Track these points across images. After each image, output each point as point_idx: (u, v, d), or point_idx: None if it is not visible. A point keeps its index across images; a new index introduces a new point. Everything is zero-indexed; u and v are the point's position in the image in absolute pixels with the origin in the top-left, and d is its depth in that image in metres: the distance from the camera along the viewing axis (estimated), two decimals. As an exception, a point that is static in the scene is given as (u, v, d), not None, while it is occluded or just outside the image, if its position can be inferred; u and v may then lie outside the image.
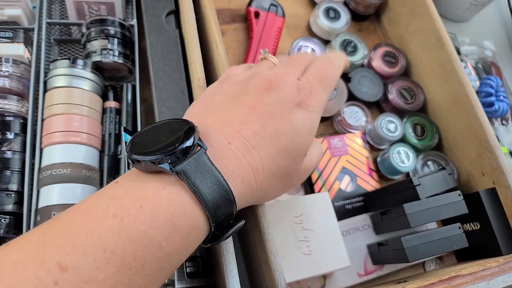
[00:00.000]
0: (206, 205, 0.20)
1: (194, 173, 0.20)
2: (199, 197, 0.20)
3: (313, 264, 0.33)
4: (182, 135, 0.21)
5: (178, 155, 0.20)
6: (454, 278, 0.32)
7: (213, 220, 0.21)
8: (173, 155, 0.20)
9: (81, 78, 0.38)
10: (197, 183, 0.20)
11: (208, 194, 0.20)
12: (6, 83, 0.37)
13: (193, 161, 0.20)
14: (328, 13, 0.52)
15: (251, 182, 0.23)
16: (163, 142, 0.21)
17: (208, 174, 0.21)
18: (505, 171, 0.39)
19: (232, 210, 0.22)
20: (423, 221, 0.35)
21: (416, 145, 0.47)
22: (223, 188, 0.21)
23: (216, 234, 0.22)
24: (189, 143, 0.21)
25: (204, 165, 0.21)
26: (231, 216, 0.22)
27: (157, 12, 0.42)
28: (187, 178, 0.20)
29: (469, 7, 0.60)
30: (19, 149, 0.36)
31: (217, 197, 0.21)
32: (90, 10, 0.43)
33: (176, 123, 0.23)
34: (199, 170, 0.20)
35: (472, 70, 0.58)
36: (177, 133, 0.21)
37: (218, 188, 0.21)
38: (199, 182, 0.20)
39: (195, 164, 0.20)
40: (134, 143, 0.22)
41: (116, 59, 0.40)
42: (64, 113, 0.36)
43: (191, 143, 0.21)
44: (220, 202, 0.21)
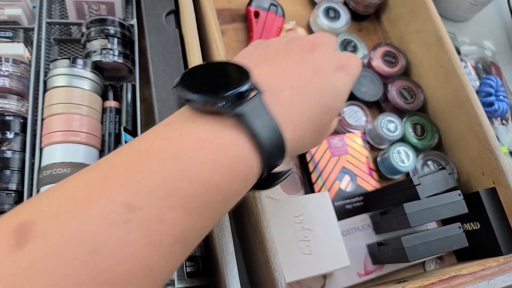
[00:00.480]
0: (264, 150, 0.20)
1: (252, 117, 0.20)
2: (258, 142, 0.20)
3: (313, 263, 0.33)
4: (240, 78, 0.20)
5: (233, 99, 0.20)
6: (454, 277, 0.32)
7: (266, 166, 0.21)
8: (230, 98, 0.19)
9: (81, 78, 0.38)
10: (256, 128, 0.20)
11: (265, 140, 0.20)
12: (6, 82, 0.37)
13: (251, 104, 0.20)
14: (328, 13, 0.52)
15: (297, 132, 0.22)
16: (220, 83, 0.20)
17: (265, 119, 0.20)
18: (505, 170, 0.39)
19: (281, 158, 0.21)
20: (423, 221, 0.35)
21: (416, 145, 0.47)
22: (277, 135, 0.20)
23: (264, 181, 0.22)
24: (247, 87, 0.20)
25: (261, 109, 0.20)
26: (278, 165, 0.22)
27: (157, 12, 0.42)
28: (246, 121, 0.19)
29: (469, 7, 0.60)
30: (19, 149, 0.36)
31: (272, 143, 0.20)
32: (90, 10, 0.43)
33: (229, 66, 0.22)
34: (256, 114, 0.20)
35: (472, 70, 0.58)
36: (233, 75, 0.21)
37: (273, 135, 0.20)
38: (257, 127, 0.20)
39: (252, 108, 0.20)
40: (186, 81, 0.21)
41: (116, 58, 0.40)
42: (64, 113, 0.36)
43: (248, 87, 0.20)
44: (274, 149, 0.20)
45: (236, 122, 0.20)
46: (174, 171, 0.18)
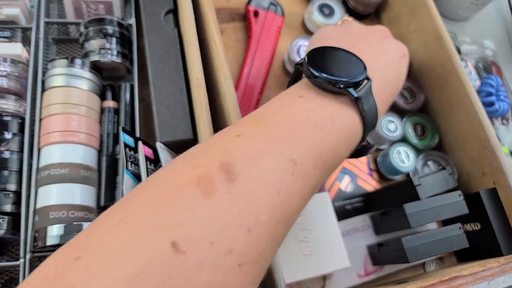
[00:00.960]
0: (368, 129, 0.25)
1: (364, 101, 0.24)
2: (366, 122, 0.25)
3: (313, 264, 0.33)
4: (359, 68, 0.25)
5: (352, 84, 0.24)
6: (455, 278, 0.32)
7: (367, 128, 0.25)
8: (352, 83, 0.24)
9: (79, 78, 0.38)
10: (366, 110, 0.24)
11: (370, 121, 0.25)
12: (4, 82, 0.37)
13: (365, 91, 0.25)
14: (322, 10, 0.51)
15: (381, 113, 0.27)
16: (344, 68, 0.25)
17: (371, 103, 0.25)
18: (506, 171, 0.39)
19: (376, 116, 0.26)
20: (424, 221, 0.35)
21: (416, 145, 0.46)
22: (375, 117, 0.26)
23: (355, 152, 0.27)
24: (364, 76, 0.25)
25: (370, 95, 0.25)
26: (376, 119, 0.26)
27: (155, 11, 0.41)
28: (362, 104, 0.24)
29: (470, 6, 0.60)
30: (17, 149, 0.36)
31: (373, 124, 0.26)
32: (88, 9, 0.43)
33: (350, 54, 0.26)
34: (366, 99, 0.25)
35: (473, 70, 0.58)
36: (354, 64, 0.25)
37: (374, 117, 0.25)
38: (367, 110, 0.25)
39: (365, 93, 0.24)
40: (315, 61, 0.25)
41: (115, 58, 0.40)
42: (62, 113, 0.36)
43: (365, 76, 0.25)
44: (371, 128, 0.26)
45: (353, 104, 0.24)
46: (316, 137, 0.22)
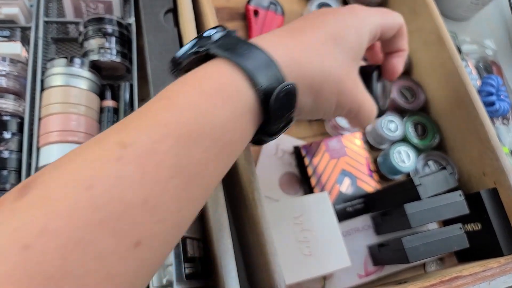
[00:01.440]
0: (242, 66, 0.20)
1: (223, 46, 0.21)
2: (235, 60, 0.20)
3: (313, 265, 0.33)
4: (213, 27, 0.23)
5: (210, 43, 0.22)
6: (455, 279, 0.32)
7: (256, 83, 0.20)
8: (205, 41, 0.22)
9: (79, 77, 0.37)
10: (230, 52, 0.21)
11: (242, 58, 0.20)
12: (3, 82, 0.37)
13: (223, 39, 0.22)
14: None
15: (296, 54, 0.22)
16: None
17: (241, 44, 0.21)
18: (507, 171, 0.39)
19: (276, 72, 0.21)
20: (424, 222, 0.35)
21: (416, 145, 0.46)
22: (258, 51, 0.21)
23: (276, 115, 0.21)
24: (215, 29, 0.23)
25: (236, 40, 0.22)
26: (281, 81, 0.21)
27: (155, 11, 0.41)
28: (218, 50, 0.21)
29: (470, 6, 0.60)
30: (16, 149, 0.36)
31: (252, 61, 0.20)
32: (87, 9, 0.43)
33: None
34: (230, 43, 0.21)
35: (473, 69, 0.58)
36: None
37: (253, 54, 0.21)
38: (232, 51, 0.21)
39: (225, 41, 0.22)
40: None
41: (114, 58, 0.40)
42: (61, 112, 0.36)
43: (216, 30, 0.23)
44: (258, 65, 0.20)
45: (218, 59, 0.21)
46: (164, 106, 0.19)
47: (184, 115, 0.18)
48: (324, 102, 0.25)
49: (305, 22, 0.25)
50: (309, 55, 0.23)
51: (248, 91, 0.20)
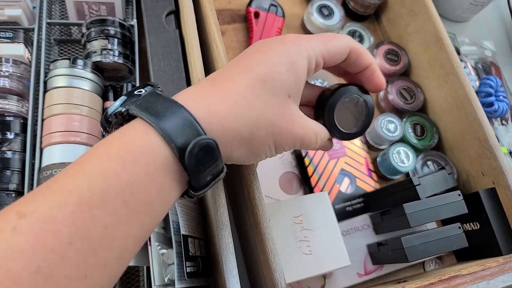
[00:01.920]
0: (155, 124, 0.20)
1: (142, 104, 0.21)
2: (146, 119, 0.20)
3: (313, 263, 0.33)
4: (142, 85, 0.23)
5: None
6: (454, 278, 0.32)
7: (170, 139, 0.20)
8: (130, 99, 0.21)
9: (81, 78, 0.38)
10: (146, 110, 0.20)
11: (158, 115, 0.20)
12: (6, 83, 0.37)
13: (143, 97, 0.21)
14: (321, 11, 0.52)
15: (218, 107, 0.22)
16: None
17: (160, 101, 0.21)
18: (505, 171, 0.39)
19: (195, 131, 0.20)
20: (423, 221, 0.35)
21: (416, 145, 0.47)
22: (177, 109, 0.21)
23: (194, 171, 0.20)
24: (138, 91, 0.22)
25: (155, 97, 0.21)
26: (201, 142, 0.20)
27: (157, 12, 0.42)
28: (135, 108, 0.21)
29: (469, 7, 0.60)
30: (19, 149, 0.36)
31: (169, 117, 0.20)
32: (90, 10, 0.43)
33: None
34: (149, 101, 0.21)
35: (472, 70, 0.58)
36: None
37: (170, 110, 0.20)
38: (149, 109, 0.20)
39: (146, 99, 0.21)
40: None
41: (116, 59, 0.40)
42: (64, 113, 0.36)
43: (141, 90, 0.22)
44: (175, 122, 0.20)
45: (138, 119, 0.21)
46: (71, 172, 0.18)
47: (90, 179, 0.18)
48: (259, 147, 0.24)
49: (235, 67, 0.24)
50: (233, 106, 0.22)
51: (163, 149, 0.20)
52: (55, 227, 0.16)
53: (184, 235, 0.31)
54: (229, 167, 0.25)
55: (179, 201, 0.32)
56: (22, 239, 0.16)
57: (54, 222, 0.17)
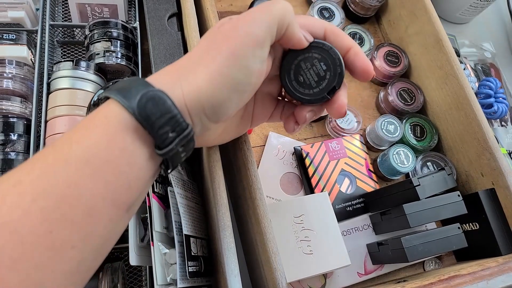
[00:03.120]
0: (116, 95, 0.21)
1: (116, 87, 0.22)
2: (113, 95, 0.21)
3: (314, 263, 0.34)
4: None
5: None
6: (454, 277, 0.32)
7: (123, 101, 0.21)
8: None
9: (84, 80, 0.38)
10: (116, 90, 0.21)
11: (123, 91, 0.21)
12: (10, 84, 0.38)
13: (122, 81, 0.22)
14: (322, 13, 0.52)
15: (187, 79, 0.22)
16: None
17: (130, 81, 0.22)
18: (504, 172, 0.39)
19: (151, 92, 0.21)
20: (423, 221, 0.36)
21: (415, 146, 0.47)
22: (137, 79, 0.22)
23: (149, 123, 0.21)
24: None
25: (130, 80, 0.22)
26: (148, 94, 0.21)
27: (159, 15, 0.42)
28: (108, 91, 0.21)
29: (469, 9, 0.60)
30: (23, 150, 0.36)
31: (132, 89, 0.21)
32: (93, 13, 0.44)
33: None
34: (123, 84, 0.22)
35: (472, 72, 0.58)
36: None
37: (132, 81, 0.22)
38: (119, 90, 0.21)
39: (122, 83, 0.22)
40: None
41: (119, 61, 0.41)
42: (68, 115, 0.37)
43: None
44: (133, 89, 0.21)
45: (113, 103, 0.21)
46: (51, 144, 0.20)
47: (56, 147, 0.20)
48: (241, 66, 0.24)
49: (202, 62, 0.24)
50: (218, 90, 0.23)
51: (119, 111, 0.21)
52: (21, 189, 0.18)
53: (186, 235, 0.31)
54: (231, 167, 0.25)
55: (181, 201, 0.33)
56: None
57: (20, 185, 0.18)
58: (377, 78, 0.52)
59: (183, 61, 0.24)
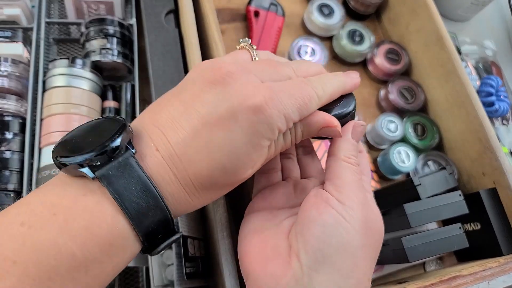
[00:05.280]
0: (129, 212, 0.18)
1: (117, 178, 0.18)
2: (121, 204, 0.18)
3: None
4: (110, 135, 0.19)
5: (102, 159, 0.18)
6: (455, 278, 0.32)
7: (139, 229, 0.19)
8: (97, 158, 0.18)
9: (80, 78, 0.38)
10: (120, 189, 0.18)
11: (131, 201, 0.18)
12: (5, 82, 0.37)
13: (118, 164, 0.18)
14: (321, 10, 0.51)
15: (181, 195, 0.20)
16: (90, 143, 0.19)
17: (134, 179, 0.18)
18: (506, 171, 0.39)
19: (164, 218, 0.19)
20: (424, 221, 0.35)
21: (416, 145, 0.47)
22: (151, 194, 0.19)
23: (149, 245, 0.20)
24: (116, 144, 0.18)
25: (131, 169, 0.19)
26: (167, 225, 0.20)
27: (156, 11, 0.42)
28: (109, 183, 0.18)
29: (470, 6, 0.60)
30: (18, 149, 0.36)
31: (143, 204, 0.19)
32: (89, 10, 0.43)
33: (110, 121, 0.20)
34: (124, 175, 0.18)
35: (473, 70, 0.58)
36: (106, 132, 0.19)
37: (144, 195, 0.19)
38: (122, 188, 0.18)
39: (120, 169, 0.18)
40: (60, 144, 0.20)
41: (115, 58, 0.40)
42: (63, 113, 0.36)
43: (117, 143, 0.18)
44: (147, 209, 0.19)
45: (100, 185, 0.18)
46: (18, 237, 0.17)
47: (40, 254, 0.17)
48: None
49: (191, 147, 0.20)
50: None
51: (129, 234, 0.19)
52: None
53: (184, 235, 0.31)
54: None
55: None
56: None
57: None
58: (378, 76, 0.52)
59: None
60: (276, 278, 0.20)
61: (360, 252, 0.21)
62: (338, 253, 0.20)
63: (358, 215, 0.22)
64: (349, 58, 0.51)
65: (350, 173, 0.23)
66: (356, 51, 0.50)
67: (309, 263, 0.20)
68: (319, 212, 0.21)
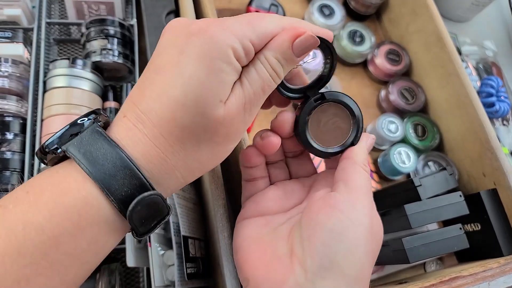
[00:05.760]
0: (94, 176, 0.18)
1: (83, 147, 0.19)
2: (85, 168, 0.18)
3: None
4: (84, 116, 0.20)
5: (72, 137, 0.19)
6: (455, 279, 0.32)
7: (110, 192, 0.18)
8: (67, 136, 0.19)
9: (81, 78, 0.38)
10: (86, 155, 0.18)
11: (97, 164, 0.18)
12: (6, 83, 0.37)
13: (84, 136, 0.19)
14: (322, 10, 0.51)
15: (153, 152, 0.19)
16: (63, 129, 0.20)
17: (99, 145, 0.19)
18: (506, 171, 0.39)
19: (138, 181, 0.19)
20: (424, 222, 0.35)
21: (417, 146, 0.47)
22: (117, 155, 0.18)
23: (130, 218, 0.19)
24: (83, 120, 0.20)
25: (96, 138, 0.19)
26: (143, 189, 0.19)
27: (157, 12, 0.42)
28: (74, 152, 0.18)
29: (470, 7, 0.60)
30: (19, 150, 0.36)
31: (109, 165, 0.18)
32: (89, 10, 0.43)
33: (88, 113, 0.21)
34: (90, 143, 0.19)
35: (473, 70, 0.58)
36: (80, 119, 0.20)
37: (110, 157, 0.18)
38: (88, 154, 0.18)
39: (85, 139, 0.19)
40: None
41: (116, 59, 0.40)
42: (64, 114, 0.36)
43: (84, 120, 0.20)
44: (114, 171, 0.18)
45: (70, 160, 0.19)
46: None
47: (9, 229, 0.17)
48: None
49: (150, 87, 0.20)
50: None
51: (100, 201, 0.18)
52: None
53: (184, 236, 0.31)
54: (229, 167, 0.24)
55: (179, 202, 0.32)
56: None
57: None
58: (378, 76, 0.52)
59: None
60: (277, 283, 0.20)
61: (367, 258, 0.21)
62: (346, 259, 0.20)
63: (367, 220, 0.22)
64: (350, 58, 0.51)
65: (364, 179, 0.23)
66: (356, 52, 0.50)
67: (315, 269, 0.20)
68: (328, 216, 0.21)
